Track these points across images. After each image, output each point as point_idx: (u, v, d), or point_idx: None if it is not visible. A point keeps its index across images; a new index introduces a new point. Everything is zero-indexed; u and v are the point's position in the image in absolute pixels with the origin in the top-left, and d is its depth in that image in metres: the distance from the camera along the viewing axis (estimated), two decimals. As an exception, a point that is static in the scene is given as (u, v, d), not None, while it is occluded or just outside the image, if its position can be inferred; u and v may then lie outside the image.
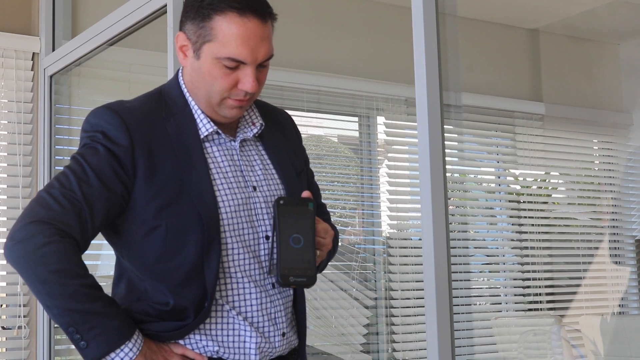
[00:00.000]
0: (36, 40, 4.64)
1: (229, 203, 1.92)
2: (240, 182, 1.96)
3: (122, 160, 1.87)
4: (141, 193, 1.88)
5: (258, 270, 1.95)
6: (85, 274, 1.80)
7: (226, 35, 1.87)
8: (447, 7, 3.01)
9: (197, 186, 1.89)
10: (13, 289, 4.46)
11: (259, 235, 1.96)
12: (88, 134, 1.92)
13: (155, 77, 4.21)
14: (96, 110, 1.95)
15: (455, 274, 5.00)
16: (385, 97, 5.23)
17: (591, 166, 5.96)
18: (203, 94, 1.94)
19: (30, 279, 1.77)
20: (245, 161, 2.01)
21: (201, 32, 1.90)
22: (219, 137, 1.99)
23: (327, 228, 1.98)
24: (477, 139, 5.56)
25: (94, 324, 1.77)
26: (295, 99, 5.01)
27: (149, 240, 1.89)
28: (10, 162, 4.52)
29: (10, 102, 4.55)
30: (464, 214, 5.50)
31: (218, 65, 1.89)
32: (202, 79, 1.92)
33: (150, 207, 1.88)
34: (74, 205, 1.82)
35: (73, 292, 1.76)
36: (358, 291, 5.04)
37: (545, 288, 5.55)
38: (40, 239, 1.76)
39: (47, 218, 1.79)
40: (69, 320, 1.76)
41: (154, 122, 1.94)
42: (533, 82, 5.73)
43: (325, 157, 5.28)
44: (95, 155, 1.87)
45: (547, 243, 5.60)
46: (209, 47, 1.89)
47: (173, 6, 3.61)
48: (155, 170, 1.88)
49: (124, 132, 1.88)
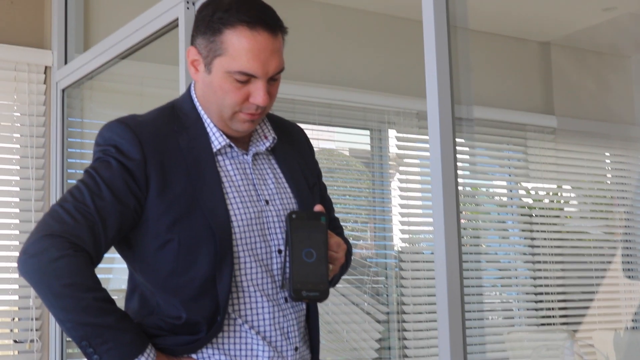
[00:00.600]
0: (48, 54, 4.66)
1: (241, 217, 1.92)
2: (253, 196, 1.96)
3: (135, 174, 1.87)
4: (154, 207, 1.88)
5: (271, 284, 1.94)
6: (99, 287, 1.79)
7: (237, 49, 1.87)
8: (458, 20, 3.00)
9: (210, 200, 1.89)
10: (25, 302, 4.46)
11: (272, 249, 1.95)
12: (101, 148, 1.93)
13: (167, 91, 4.22)
14: (109, 124, 1.95)
15: (467, 288, 4.97)
16: (397, 110, 5.23)
17: (603, 179, 5.93)
18: (215, 108, 1.94)
19: (44, 293, 1.77)
20: (258, 175, 2.00)
21: (212, 46, 1.90)
22: (231, 150, 1.99)
23: (340, 242, 1.98)
24: (488, 152, 5.55)
25: (106, 337, 1.77)
26: (306, 113, 5.01)
27: (162, 254, 1.88)
28: (23, 176, 4.53)
29: (22, 115, 4.56)
30: (476, 228, 5.48)
31: (229, 79, 1.89)
32: (213, 93, 1.92)
33: (162, 220, 1.87)
34: (87, 219, 1.82)
35: (86, 306, 1.76)
36: (370, 305, 5.02)
37: (558, 302, 5.52)
38: (53, 253, 1.76)
39: (61, 232, 1.79)
40: (82, 334, 1.76)
41: (166, 135, 1.94)
42: (545, 95, 5.72)
43: (337, 171, 5.27)
44: (108, 169, 1.87)
45: (559, 257, 5.58)
46: (220, 61, 1.89)
47: (185, 20, 3.62)
48: (168, 184, 1.88)
49: (136, 146, 1.88)
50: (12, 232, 4.50)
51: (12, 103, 4.55)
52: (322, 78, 4.99)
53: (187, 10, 3.62)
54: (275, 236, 1.96)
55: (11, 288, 4.47)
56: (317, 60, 5.00)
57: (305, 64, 4.80)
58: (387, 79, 5.27)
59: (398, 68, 5.24)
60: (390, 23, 5.23)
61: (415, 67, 2.97)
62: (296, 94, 4.90)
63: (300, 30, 4.57)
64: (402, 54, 5.17)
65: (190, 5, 3.63)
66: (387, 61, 5.27)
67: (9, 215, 4.50)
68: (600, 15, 5.29)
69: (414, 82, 4.70)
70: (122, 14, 4.49)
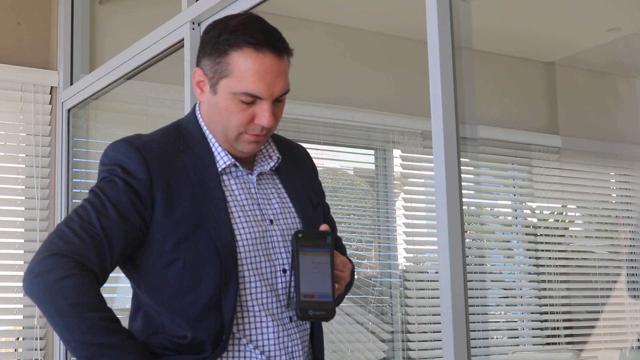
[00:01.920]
0: (54, 75, 4.68)
1: (246, 236, 1.92)
2: (257, 216, 1.96)
3: (141, 193, 1.87)
4: (159, 226, 1.88)
5: (276, 303, 1.94)
6: (104, 307, 1.79)
7: (242, 71, 1.88)
8: (463, 41, 3.01)
9: (215, 219, 1.89)
10: (30, 322, 4.46)
11: (277, 269, 1.95)
12: (106, 168, 1.93)
13: (173, 111, 4.23)
14: (114, 143, 1.95)
15: (472, 308, 4.97)
16: (401, 130, 5.24)
17: (608, 199, 5.93)
18: (220, 129, 1.95)
19: (49, 312, 1.77)
20: (262, 194, 2.01)
21: (217, 67, 1.90)
22: (236, 170, 1.99)
23: (345, 261, 1.98)
24: (493, 171, 5.54)
25: (112, 357, 1.76)
26: (311, 132, 5.01)
27: (167, 274, 1.88)
28: (28, 196, 4.54)
29: (28, 135, 4.58)
30: (481, 247, 5.48)
31: (235, 101, 1.89)
32: (218, 114, 1.93)
33: (168, 240, 1.87)
34: (93, 238, 1.82)
35: (91, 326, 1.75)
36: (374, 324, 5.01)
37: (563, 322, 5.50)
38: (59, 272, 1.75)
39: (67, 251, 1.79)
40: (88, 354, 1.76)
41: (172, 155, 1.94)
42: (549, 115, 5.73)
43: (341, 190, 5.28)
44: (114, 189, 1.88)
45: (564, 276, 5.56)
46: (226, 83, 1.90)
47: (190, 40, 3.64)
48: (173, 203, 1.88)
49: (142, 165, 1.89)
50: (17, 252, 4.51)
51: (18, 123, 4.57)
52: (326, 98, 5.00)
53: (193, 31, 3.64)
54: (279, 255, 1.96)
55: (16, 307, 4.48)
56: (321, 80, 5.02)
57: (309, 84, 4.81)
58: (392, 98, 5.28)
59: (403, 88, 5.25)
60: (395, 43, 5.24)
61: (420, 87, 2.98)
62: (301, 114, 4.91)
63: (305, 50, 4.58)
64: (406, 74, 5.19)
65: (196, 26, 3.65)
66: (391, 81, 5.28)
67: (14, 234, 4.51)
68: (604, 35, 5.31)
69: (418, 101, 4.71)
70: (127, 34, 4.51)
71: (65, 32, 4.71)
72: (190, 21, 3.65)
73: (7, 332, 4.47)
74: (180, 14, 3.74)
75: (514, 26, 5.24)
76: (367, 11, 5.09)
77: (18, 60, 4.61)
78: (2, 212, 4.51)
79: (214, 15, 3.57)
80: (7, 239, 4.51)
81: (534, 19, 5.20)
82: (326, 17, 5.00)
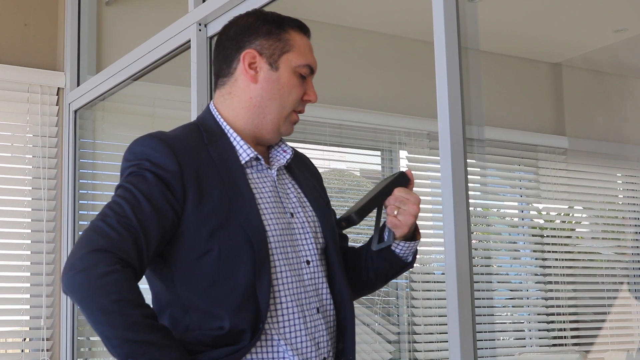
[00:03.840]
0: (61, 76, 4.69)
1: (274, 227, 1.94)
2: (280, 209, 1.99)
3: (172, 185, 1.88)
4: (192, 217, 1.88)
5: (303, 294, 1.96)
6: (145, 303, 1.78)
7: (300, 46, 2.04)
8: (469, 42, 3.01)
9: (244, 210, 1.91)
10: (37, 323, 4.47)
11: (301, 260, 1.98)
12: (132, 163, 1.93)
13: (179, 112, 4.24)
14: (139, 139, 1.96)
15: (478, 309, 4.96)
16: (408, 131, 5.23)
17: (615, 200, 5.92)
18: (277, 107, 2.03)
19: (90, 309, 1.74)
20: (282, 189, 2.04)
21: (278, 44, 2.02)
22: (257, 163, 2.02)
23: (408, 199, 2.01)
24: (500, 172, 5.54)
25: (153, 355, 1.74)
26: (317, 133, 5.02)
27: (202, 264, 1.89)
28: (35, 196, 4.55)
29: (35, 136, 4.59)
30: (487, 249, 5.47)
31: (296, 75, 2.03)
32: (279, 89, 2.02)
33: (202, 231, 1.88)
34: (130, 232, 1.81)
35: (134, 323, 1.73)
36: (381, 326, 5.01)
37: (570, 323, 5.49)
38: (102, 268, 1.74)
39: (107, 246, 1.77)
40: (128, 352, 1.73)
41: (197, 148, 1.96)
42: (556, 116, 5.72)
43: (348, 191, 5.27)
44: (145, 183, 1.88)
45: (571, 278, 5.56)
46: (287, 57, 2.02)
47: (197, 41, 3.64)
48: (204, 194, 1.90)
49: (171, 158, 1.90)
50: (23, 253, 4.52)
51: (25, 124, 4.58)
52: (332, 99, 5.00)
53: (199, 32, 3.65)
54: (302, 247, 2.00)
55: (23, 308, 4.48)
56: (327, 82, 5.02)
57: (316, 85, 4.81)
58: (398, 99, 5.28)
59: (409, 89, 5.25)
60: (402, 44, 5.24)
61: (426, 88, 2.98)
62: (307, 115, 4.89)
63: (312, 51, 4.58)
64: (413, 75, 5.19)
65: (202, 27, 3.65)
66: (398, 82, 5.28)
67: (20, 235, 4.52)
68: (611, 36, 5.30)
69: (425, 103, 4.71)
70: (134, 36, 4.52)
71: (72, 34, 4.72)
72: (196, 22, 3.65)
73: (14, 332, 4.47)
74: (186, 15, 3.74)
75: (521, 27, 5.24)
76: (373, 12, 5.09)
77: (25, 61, 4.62)
78: (9, 213, 4.52)
79: (221, 17, 3.57)
80: (14, 239, 4.51)
81: (541, 20, 5.20)
82: (332, 18, 5.00)
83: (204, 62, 3.64)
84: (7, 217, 4.51)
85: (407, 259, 2.11)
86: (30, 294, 4.50)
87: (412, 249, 2.10)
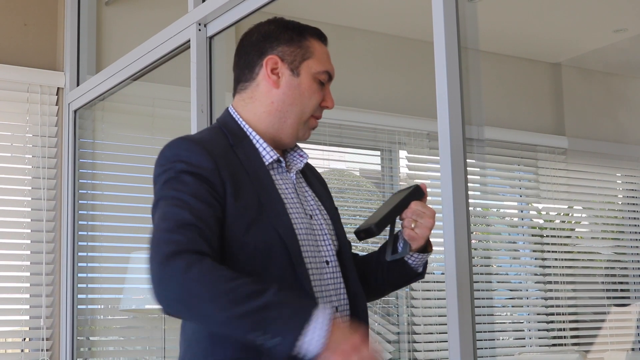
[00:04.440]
0: (61, 76, 4.68)
1: (300, 226, 1.99)
2: (300, 210, 2.03)
3: (211, 181, 1.90)
4: (231, 211, 1.91)
5: (325, 292, 1.99)
6: (238, 275, 1.76)
7: (320, 53, 2.09)
8: (469, 42, 3.01)
9: (273, 208, 1.95)
10: (36, 323, 4.46)
11: (322, 260, 2.02)
12: (166, 167, 1.93)
13: (179, 112, 4.24)
14: (170, 143, 1.97)
15: (478, 309, 4.96)
16: (408, 131, 5.23)
17: (615, 200, 5.92)
18: (297, 112, 2.06)
19: (197, 307, 1.73)
20: (300, 191, 2.09)
21: (299, 51, 2.07)
22: (278, 165, 2.07)
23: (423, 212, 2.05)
24: (499, 172, 5.54)
25: (271, 316, 1.70)
26: (317, 133, 4.99)
27: (237, 259, 1.90)
28: (35, 196, 4.55)
29: (35, 136, 4.58)
30: (487, 248, 5.47)
31: (316, 81, 2.07)
32: (300, 94, 2.06)
33: (239, 224, 1.90)
34: (192, 230, 1.82)
35: (238, 297, 1.71)
36: (380, 326, 5.01)
37: (570, 323, 5.50)
38: (184, 267, 1.74)
39: (179, 249, 1.78)
40: (249, 326, 1.70)
41: (225, 148, 2.00)
42: (556, 116, 5.72)
43: (347, 191, 5.27)
44: (185, 184, 1.89)
45: (570, 277, 5.56)
46: (308, 64, 2.07)
47: (196, 41, 3.64)
48: (239, 189, 1.93)
49: (205, 156, 1.92)
50: (23, 253, 4.52)
51: (25, 124, 4.58)
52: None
53: (199, 32, 3.65)
54: (322, 248, 2.04)
55: (22, 308, 4.48)
56: (327, 81, 5.01)
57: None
58: (398, 99, 5.28)
59: (409, 89, 5.25)
60: (401, 44, 5.24)
61: (426, 88, 2.98)
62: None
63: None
64: (413, 75, 5.19)
65: (202, 27, 3.65)
66: (397, 82, 5.28)
67: (20, 235, 4.52)
68: (610, 36, 5.30)
69: (424, 103, 4.71)
70: (133, 36, 4.51)
71: (72, 33, 4.71)
72: (196, 22, 3.65)
73: (13, 332, 4.47)
74: (186, 15, 3.74)
75: (520, 27, 5.24)
76: (372, 12, 5.09)
77: (24, 61, 4.62)
78: (8, 213, 4.51)
79: (220, 17, 3.57)
80: (13, 239, 4.51)
81: (540, 20, 5.20)
82: (331, 18, 5.00)
83: (204, 62, 3.64)
84: (7, 217, 4.51)
85: (418, 269, 2.15)
86: (30, 293, 4.49)
87: (423, 260, 2.15)
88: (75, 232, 4.58)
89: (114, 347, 4.91)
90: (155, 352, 4.53)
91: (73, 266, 4.53)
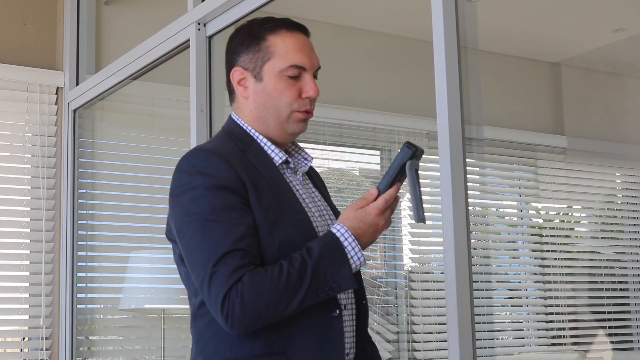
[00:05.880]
0: (60, 75, 4.68)
1: (318, 224, 2.03)
2: (314, 209, 2.07)
3: (233, 188, 1.93)
4: (257, 212, 1.94)
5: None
6: (280, 267, 1.86)
7: (283, 48, 2.04)
8: (468, 41, 3.01)
9: (292, 208, 1.99)
10: (36, 322, 4.46)
11: None
12: (186, 182, 1.96)
13: (179, 111, 4.24)
14: (187, 157, 2.00)
15: (477, 308, 4.97)
16: (407, 130, 5.23)
17: (614, 199, 5.92)
18: (273, 114, 2.06)
19: (274, 315, 1.86)
20: (307, 192, 2.11)
21: (258, 55, 2.05)
22: (287, 167, 2.09)
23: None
24: (499, 172, 5.54)
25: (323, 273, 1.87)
26: (316, 133, 5.02)
27: (263, 260, 1.92)
28: (34, 196, 4.55)
29: (34, 136, 4.58)
30: (486, 248, 5.47)
31: (282, 79, 2.04)
32: (268, 98, 2.05)
33: (265, 226, 1.94)
34: (240, 246, 1.88)
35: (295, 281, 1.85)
36: (380, 325, 5.01)
37: (569, 323, 5.50)
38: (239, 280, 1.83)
39: (232, 268, 1.85)
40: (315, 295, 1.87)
41: (237, 154, 2.02)
42: (555, 116, 5.73)
43: (347, 191, 5.28)
44: (213, 199, 1.92)
45: (570, 277, 5.56)
46: (269, 65, 2.04)
47: (196, 41, 3.64)
48: (259, 192, 1.96)
49: (223, 165, 1.94)
50: (22, 252, 4.52)
51: (24, 124, 4.58)
52: (331, 98, 5.00)
53: (198, 32, 3.64)
54: None
55: (21, 307, 4.48)
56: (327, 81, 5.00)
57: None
58: (397, 99, 5.28)
59: (408, 88, 5.25)
60: (401, 44, 5.24)
61: (425, 87, 2.98)
62: (306, 114, 4.90)
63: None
64: (412, 75, 5.19)
65: (201, 26, 3.65)
66: (397, 82, 5.28)
67: (20, 235, 4.52)
68: (610, 36, 5.30)
69: (424, 102, 4.71)
70: (133, 35, 4.51)
71: (71, 33, 4.71)
72: (195, 22, 3.65)
73: (13, 332, 4.47)
74: (185, 15, 3.74)
75: (520, 27, 5.24)
76: (372, 12, 5.09)
77: (24, 60, 4.61)
78: (8, 213, 4.51)
79: (220, 16, 3.57)
80: (13, 239, 4.51)
81: (540, 20, 5.20)
82: (331, 17, 5.00)
83: (203, 62, 3.64)
84: (6, 216, 4.50)
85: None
86: (30, 293, 4.49)
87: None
88: (75, 232, 4.58)
89: (114, 347, 4.91)
90: (154, 351, 4.53)
91: (72, 266, 4.53)
